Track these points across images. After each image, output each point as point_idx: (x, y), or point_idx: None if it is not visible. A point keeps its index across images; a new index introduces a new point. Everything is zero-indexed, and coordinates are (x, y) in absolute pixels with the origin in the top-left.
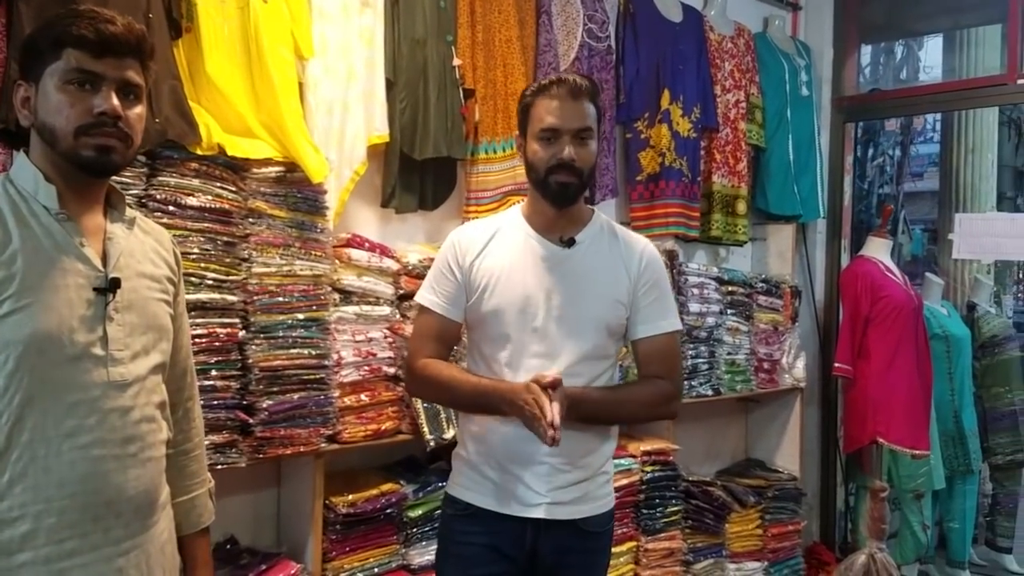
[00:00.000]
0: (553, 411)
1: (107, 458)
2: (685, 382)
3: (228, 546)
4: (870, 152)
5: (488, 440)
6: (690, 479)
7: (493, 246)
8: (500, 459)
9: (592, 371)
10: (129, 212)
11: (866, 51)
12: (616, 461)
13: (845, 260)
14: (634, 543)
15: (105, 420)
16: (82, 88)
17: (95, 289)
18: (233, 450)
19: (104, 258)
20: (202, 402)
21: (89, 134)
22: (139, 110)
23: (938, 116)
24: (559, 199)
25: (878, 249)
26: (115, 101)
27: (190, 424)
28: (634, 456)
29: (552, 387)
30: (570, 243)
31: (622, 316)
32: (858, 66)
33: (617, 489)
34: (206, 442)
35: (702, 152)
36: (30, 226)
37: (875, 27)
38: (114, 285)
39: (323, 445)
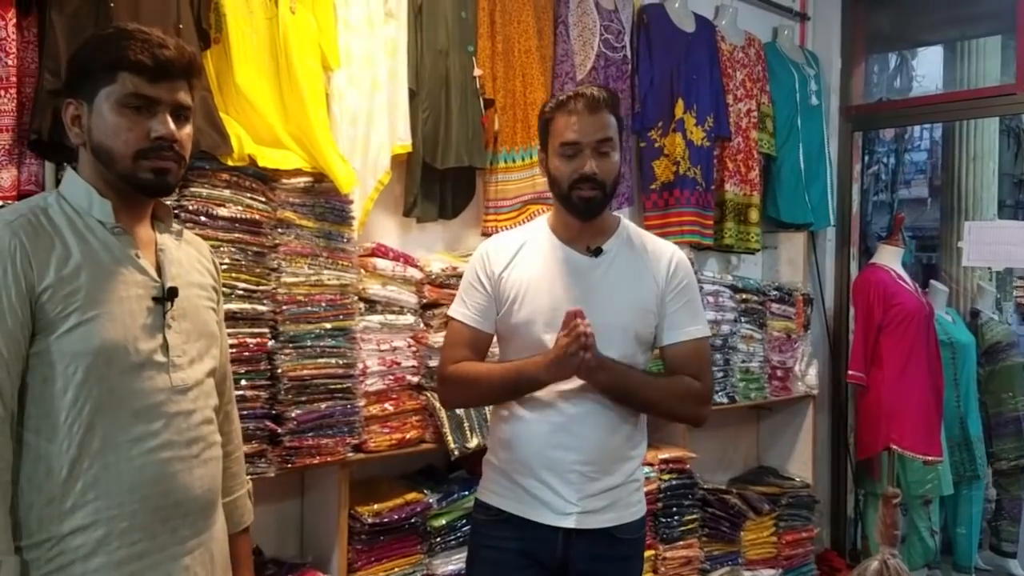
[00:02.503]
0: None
1: (174, 460)
2: None
3: (253, 556)
4: (865, 160)
5: (519, 447)
6: (706, 487)
7: (521, 257)
8: (531, 466)
9: None
10: (175, 225)
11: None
12: None
13: (854, 268)
14: (652, 552)
15: (171, 423)
16: (138, 112)
17: (154, 299)
18: (262, 460)
19: (158, 268)
20: None
21: (148, 158)
22: (189, 130)
23: (926, 126)
24: (583, 213)
25: (889, 256)
26: (172, 126)
27: (231, 427)
28: (652, 464)
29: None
30: (597, 252)
31: (651, 325)
32: (865, 76)
33: None
34: None
35: (715, 161)
36: (88, 240)
37: (882, 37)
38: (172, 294)
39: (349, 454)
